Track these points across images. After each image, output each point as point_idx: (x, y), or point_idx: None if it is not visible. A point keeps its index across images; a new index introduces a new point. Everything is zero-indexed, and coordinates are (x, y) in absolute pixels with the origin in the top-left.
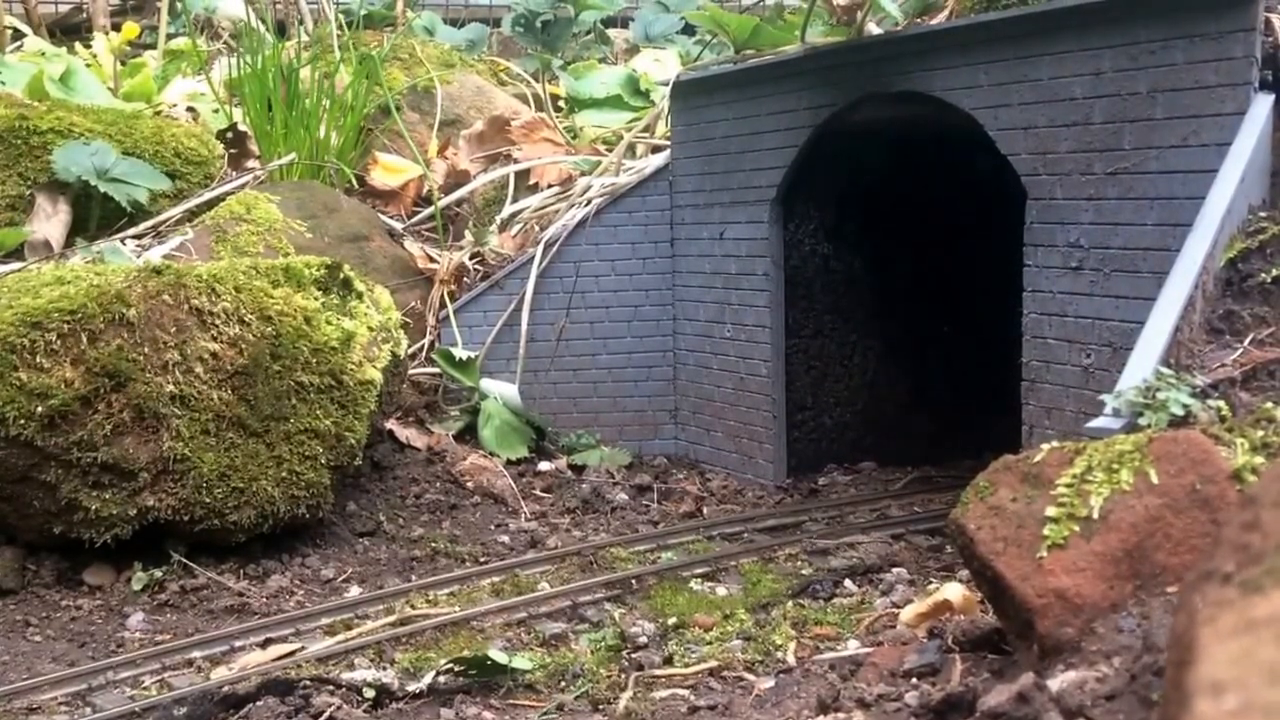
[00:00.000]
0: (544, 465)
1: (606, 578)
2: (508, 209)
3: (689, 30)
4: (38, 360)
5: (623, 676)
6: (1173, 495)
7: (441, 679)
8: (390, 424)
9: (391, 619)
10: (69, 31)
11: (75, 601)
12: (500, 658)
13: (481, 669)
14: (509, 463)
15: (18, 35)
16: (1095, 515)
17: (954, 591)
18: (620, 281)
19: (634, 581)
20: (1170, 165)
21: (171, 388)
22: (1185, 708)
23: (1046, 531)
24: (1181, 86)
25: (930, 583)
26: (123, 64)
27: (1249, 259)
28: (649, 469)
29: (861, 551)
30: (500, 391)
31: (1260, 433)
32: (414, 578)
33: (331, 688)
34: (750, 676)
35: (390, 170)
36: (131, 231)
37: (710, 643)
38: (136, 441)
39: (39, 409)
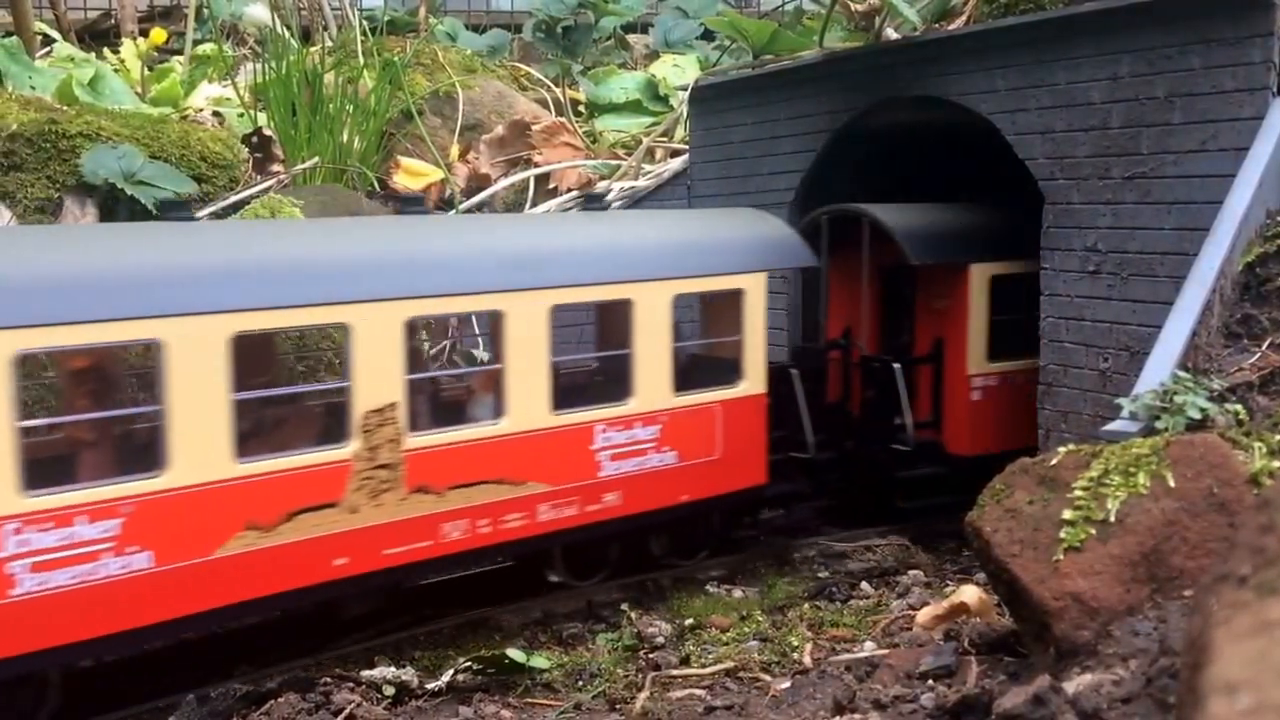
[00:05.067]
0: None
1: (623, 580)
2: (528, 212)
3: (708, 36)
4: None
5: (640, 676)
6: (1189, 499)
7: (460, 677)
8: None
9: (410, 617)
10: (97, 37)
11: None
12: (518, 656)
13: (500, 667)
14: None
15: (47, 40)
16: (1112, 518)
17: (970, 594)
18: None
19: (650, 584)
20: (1188, 170)
21: None
22: (1200, 708)
23: (1063, 534)
24: (1199, 91)
25: (946, 585)
26: (150, 69)
27: (1266, 263)
28: None
29: (878, 554)
30: None
31: (1278, 437)
32: (431, 574)
33: (352, 685)
34: (766, 677)
35: (412, 174)
36: None
37: (727, 644)
38: None
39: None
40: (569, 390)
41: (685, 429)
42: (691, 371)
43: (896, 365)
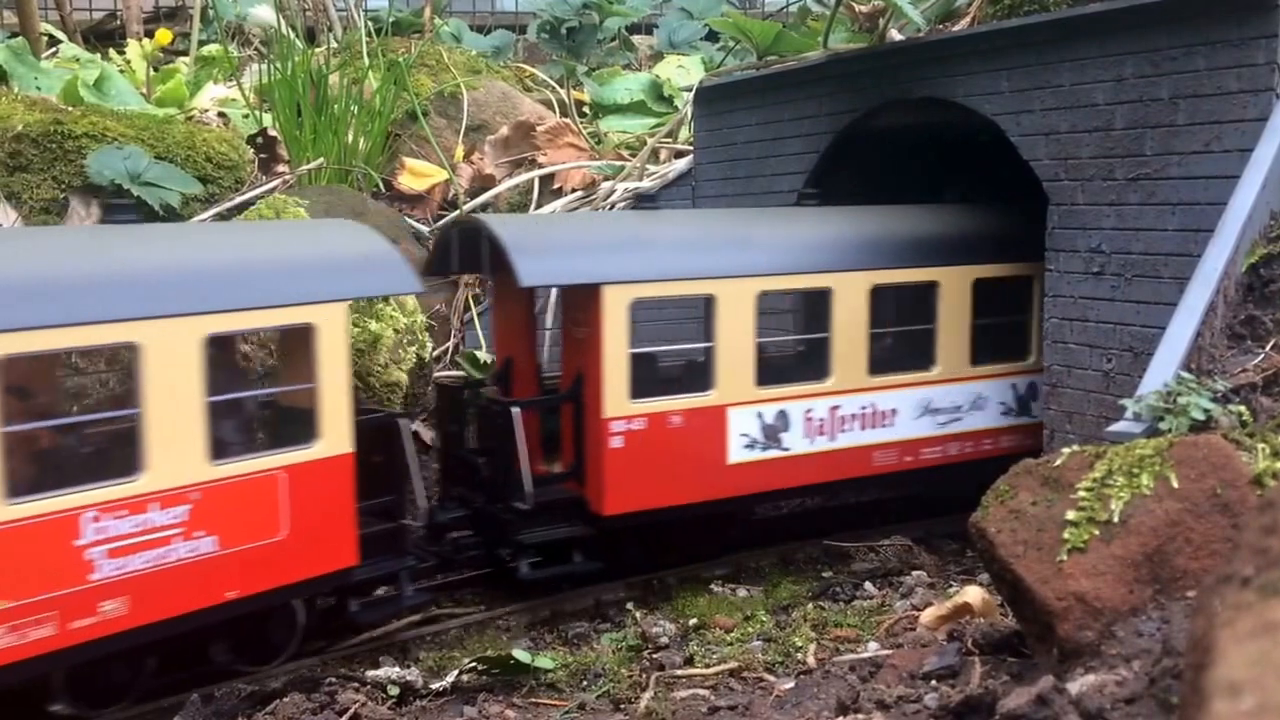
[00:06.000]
0: None
1: (628, 579)
2: (532, 213)
3: (712, 37)
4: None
5: (644, 676)
6: (1193, 500)
7: (465, 677)
8: (415, 425)
9: (417, 617)
10: (103, 38)
11: None
12: (523, 656)
13: (505, 668)
14: None
15: (53, 41)
16: (1115, 519)
17: (974, 594)
18: None
19: (655, 583)
20: (1192, 171)
21: None
22: (1203, 709)
23: (1067, 535)
24: (1203, 92)
25: (950, 586)
26: (155, 70)
27: (1270, 264)
28: None
29: (882, 555)
30: None
31: None
32: (439, 576)
33: (356, 685)
34: (770, 677)
35: (417, 175)
36: None
37: (731, 644)
38: None
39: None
40: (38, 469)
41: (230, 507)
42: (247, 431)
43: (515, 409)
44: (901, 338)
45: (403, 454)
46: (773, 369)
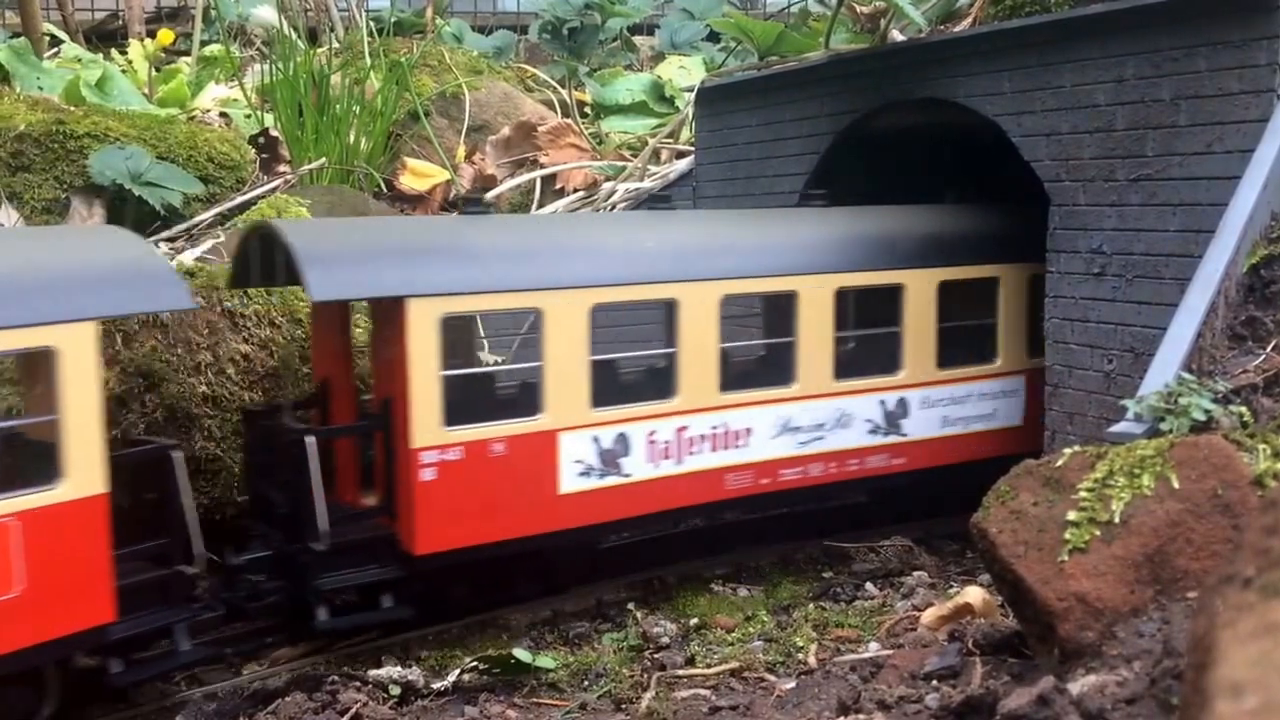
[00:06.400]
0: None
1: (629, 578)
2: (534, 213)
3: (714, 37)
4: None
5: (645, 676)
6: (1194, 500)
7: (466, 677)
8: None
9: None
10: (105, 38)
11: None
12: (524, 656)
13: (506, 667)
14: None
15: (55, 41)
16: (1116, 520)
17: (975, 595)
18: None
19: (656, 582)
20: (1193, 172)
21: (204, 388)
22: (1205, 709)
23: (1068, 535)
24: (1204, 93)
25: (951, 586)
26: (157, 70)
27: (1271, 265)
28: None
29: (882, 555)
30: None
31: None
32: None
33: (358, 684)
34: (771, 677)
35: (418, 175)
36: (165, 234)
37: (732, 644)
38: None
39: None
40: None
41: None
42: None
43: (310, 439)
44: (757, 351)
45: (176, 491)
46: (612, 389)
